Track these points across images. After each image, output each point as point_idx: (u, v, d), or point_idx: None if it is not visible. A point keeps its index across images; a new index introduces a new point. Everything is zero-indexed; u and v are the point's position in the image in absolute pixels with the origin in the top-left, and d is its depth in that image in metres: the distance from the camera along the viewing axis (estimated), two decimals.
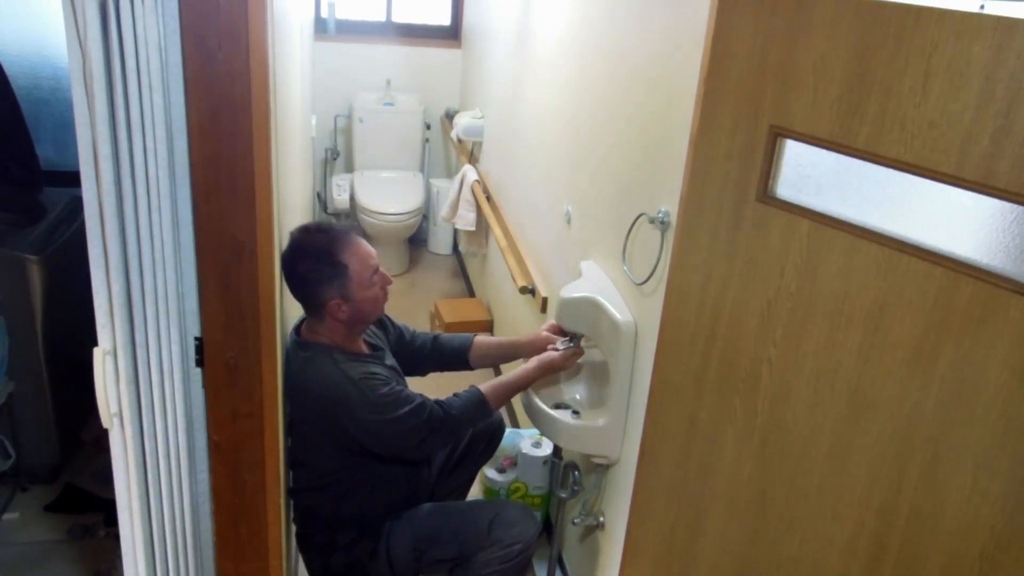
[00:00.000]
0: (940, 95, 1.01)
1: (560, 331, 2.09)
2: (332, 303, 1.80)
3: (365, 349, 1.95)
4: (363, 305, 1.84)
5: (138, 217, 1.28)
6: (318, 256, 1.79)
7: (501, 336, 2.23)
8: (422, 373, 2.19)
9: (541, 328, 2.16)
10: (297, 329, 1.92)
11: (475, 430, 2.16)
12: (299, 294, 1.85)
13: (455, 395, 1.94)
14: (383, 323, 2.10)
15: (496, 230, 3.29)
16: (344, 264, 1.79)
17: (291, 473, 1.98)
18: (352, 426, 1.81)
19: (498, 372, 3.51)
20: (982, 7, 0.98)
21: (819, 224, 1.19)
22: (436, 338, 2.18)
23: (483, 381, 1.99)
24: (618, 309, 1.85)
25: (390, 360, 1.99)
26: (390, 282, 1.92)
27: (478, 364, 2.19)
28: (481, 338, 2.19)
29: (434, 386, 2.19)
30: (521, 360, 2.12)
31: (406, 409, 1.81)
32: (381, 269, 1.89)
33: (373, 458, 1.89)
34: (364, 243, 1.86)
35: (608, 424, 1.91)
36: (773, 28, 1.20)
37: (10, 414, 2.52)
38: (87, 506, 2.56)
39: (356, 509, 1.94)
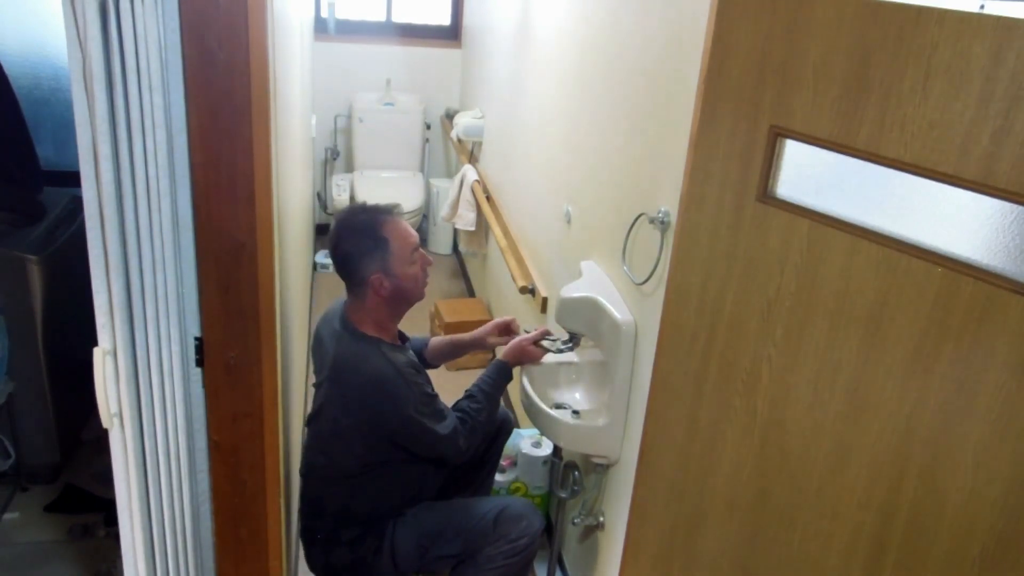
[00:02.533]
0: (940, 95, 1.01)
1: (506, 328, 2.19)
2: (374, 277, 1.86)
3: (398, 339, 2.00)
4: (404, 281, 1.89)
5: (138, 217, 1.28)
6: (361, 231, 1.87)
7: (444, 336, 2.33)
8: None
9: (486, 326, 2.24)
10: (343, 314, 1.95)
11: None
12: (343, 270, 1.91)
13: (468, 395, 2.02)
14: None
15: (496, 230, 3.29)
16: (385, 239, 1.86)
17: (307, 460, 1.99)
18: (396, 419, 1.85)
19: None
20: (982, 7, 0.98)
21: (819, 224, 1.19)
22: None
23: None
24: (618, 309, 1.85)
25: (411, 354, 2.03)
26: (430, 263, 1.98)
27: (435, 362, 2.27)
28: (435, 339, 2.27)
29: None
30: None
31: (443, 424, 1.89)
32: (422, 250, 1.94)
33: (396, 460, 1.91)
34: (405, 222, 1.92)
35: (608, 424, 1.91)
36: (773, 28, 1.20)
37: (10, 414, 2.53)
38: (87, 506, 2.56)
39: (366, 507, 1.95)
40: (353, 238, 1.87)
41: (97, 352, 1.35)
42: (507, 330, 2.20)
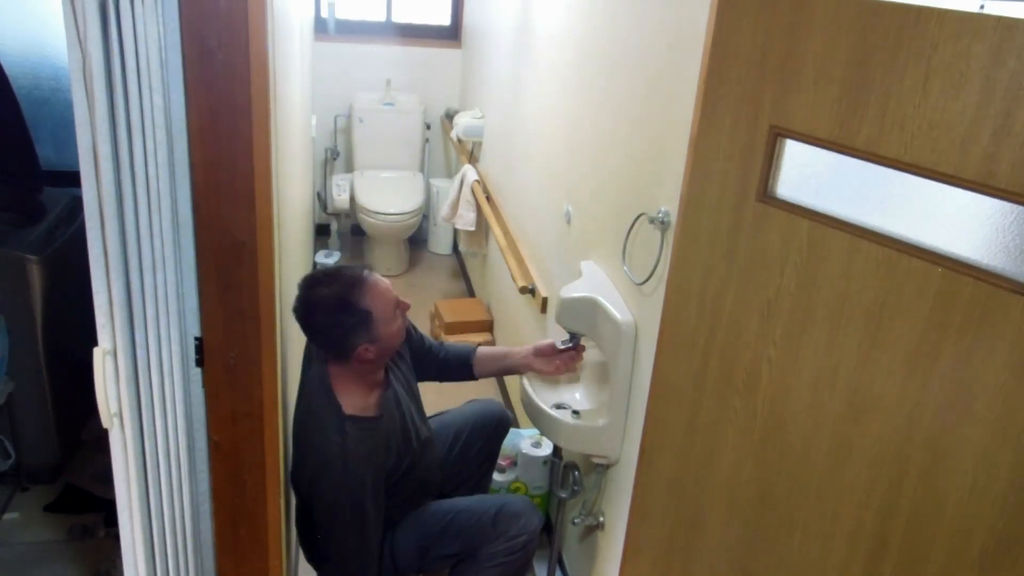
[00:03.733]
0: (940, 95, 1.01)
1: (553, 349, 2.07)
2: (360, 348, 1.77)
3: (381, 378, 1.92)
4: (390, 341, 1.83)
5: (138, 217, 1.28)
6: (338, 308, 1.75)
7: (498, 347, 2.21)
8: (422, 378, 2.18)
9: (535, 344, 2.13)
10: (324, 375, 1.85)
11: (475, 425, 2.19)
12: (323, 344, 1.82)
13: None
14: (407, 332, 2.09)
15: (496, 230, 3.29)
16: (367, 311, 1.75)
17: (294, 470, 1.98)
18: (327, 493, 1.79)
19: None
20: (982, 7, 0.98)
21: (819, 224, 1.19)
22: (442, 345, 2.19)
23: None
24: (618, 309, 1.85)
25: (405, 366, 2.00)
26: (408, 307, 1.89)
27: (481, 374, 2.19)
28: (483, 349, 2.19)
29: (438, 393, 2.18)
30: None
31: (355, 541, 1.82)
32: (399, 298, 1.86)
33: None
34: (379, 279, 1.81)
35: (608, 424, 1.91)
36: (773, 28, 1.20)
37: (10, 414, 2.52)
38: (87, 506, 2.56)
39: None
40: (331, 316, 1.75)
41: (97, 352, 1.35)
42: (549, 351, 2.08)
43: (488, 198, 3.61)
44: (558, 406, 2.06)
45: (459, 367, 2.16)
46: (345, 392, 1.83)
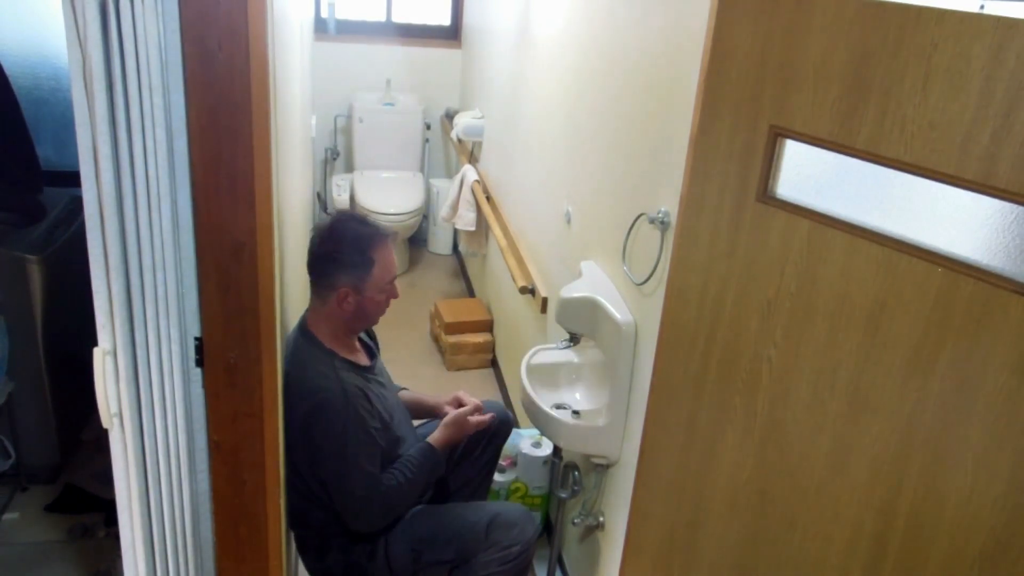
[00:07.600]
0: (940, 95, 1.01)
1: (459, 403, 2.11)
2: (343, 289, 1.83)
3: (362, 357, 1.96)
4: (368, 305, 1.87)
5: (138, 217, 1.28)
6: (352, 242, 1.83)
7: (415, 393, 2.26)
8: None
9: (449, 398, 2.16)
10: (303, 318, 1.94)
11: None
12: (317, 271, 1.88)
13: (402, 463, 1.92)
14: (375, 341, 2.14)
15: (496, 230, 3.29)
16: (372, 260, 1.83)
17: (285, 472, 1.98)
18: (317, 434, 1.80)
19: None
20: (982, 7, 0.98)
21: (819, 224, 1.19)
22: None
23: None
24: (618, 309, 1.85)
25: (379, 366, 2.01)
26: (397, 296, 1.96)
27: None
28: (403, 392, 2.20)
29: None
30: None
31: (366, 469, 1.82)
32: (395, 283, 1.92)
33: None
34: (393, 252, 1.90)
35: (608, 424, 1.91)
36: (773, 28, 1.20)
37: (10, 414, 2.52)
38: (87, 506, 2.56)
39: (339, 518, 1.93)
40: (341, 245, 1.83)
41: (97, 352, 1.35)
42: (460, 404, 2.12)
43: (488, 198, 3.61)
44: (558, 406, 2.06)
45: None
46: (324, 336, 1.88)
